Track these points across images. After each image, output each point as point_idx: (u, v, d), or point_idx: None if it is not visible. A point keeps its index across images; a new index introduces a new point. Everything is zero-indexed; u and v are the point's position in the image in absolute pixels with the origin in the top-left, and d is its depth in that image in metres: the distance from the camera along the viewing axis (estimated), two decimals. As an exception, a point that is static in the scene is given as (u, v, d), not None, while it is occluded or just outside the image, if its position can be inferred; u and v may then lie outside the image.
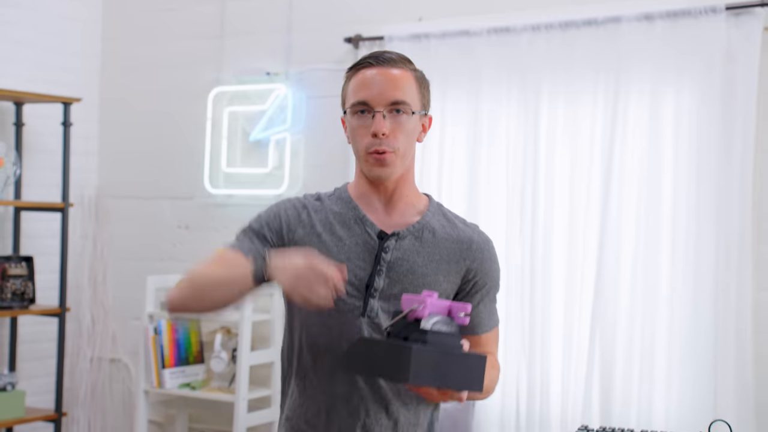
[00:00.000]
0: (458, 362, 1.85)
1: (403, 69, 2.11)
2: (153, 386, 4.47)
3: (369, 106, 2.06)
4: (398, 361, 1.78)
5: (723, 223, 3.55)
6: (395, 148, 2.06)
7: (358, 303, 2.07)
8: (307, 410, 2.11)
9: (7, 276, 4.49)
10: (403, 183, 2.13)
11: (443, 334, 1.85)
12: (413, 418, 2.13)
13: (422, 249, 2.11)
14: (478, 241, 2.17)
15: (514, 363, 3.90)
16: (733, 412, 3.46)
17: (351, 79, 2.12)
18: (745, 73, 3.53)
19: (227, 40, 4.77)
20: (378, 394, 2.08)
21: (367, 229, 2.10)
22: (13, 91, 4.41)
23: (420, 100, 2.12)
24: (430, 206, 2.18)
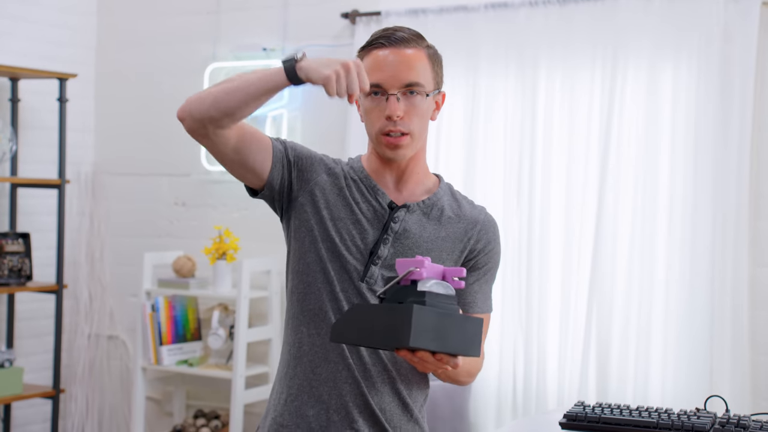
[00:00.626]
0: (457, 324, 1.83)
1: (417, 48, 2.10)
2: (150, 363, 4.50)
3: (383, 88, 2.07)
4: (398, 323, 1.76)
5: (720, 199, 3.56)
6: (410, 130, 2.08)
7: (360, 266, 2.09)
8: (313, 358, 2.11)
9: (3, 253, 4.50)
10: (415, 162, 2.15)
11: (441, 296, 1.84)
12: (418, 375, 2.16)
13: (429, 225, 2.13)
14: (484, 221, 2.19)
15: (511, 340, 3.92)
16: (729, 388, 3.48)
17: (363, 60, 2.11)
18: (743, 50, 3.53)
19: (224, 16, 4.76)
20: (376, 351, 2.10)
21: (379, 198, 2.13)
22: (9, 67, 4.41)
23: (434, 79, 2.13)
24: (440, 186, 2.20)
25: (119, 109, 5.07)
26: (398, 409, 2.13)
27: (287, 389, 2.15)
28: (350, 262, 2.09)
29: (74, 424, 4.94)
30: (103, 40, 5.11)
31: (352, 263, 2.09)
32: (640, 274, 3.70)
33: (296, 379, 2.13)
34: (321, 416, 2.10)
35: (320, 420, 2.10)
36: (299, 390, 2.13)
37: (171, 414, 4.81)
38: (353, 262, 2.09)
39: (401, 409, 2.14)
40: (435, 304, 1.81)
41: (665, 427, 2.24)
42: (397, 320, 1.77)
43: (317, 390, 2.11)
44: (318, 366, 2.11)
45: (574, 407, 2.35)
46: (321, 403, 2.10)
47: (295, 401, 2.13)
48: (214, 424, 4.46)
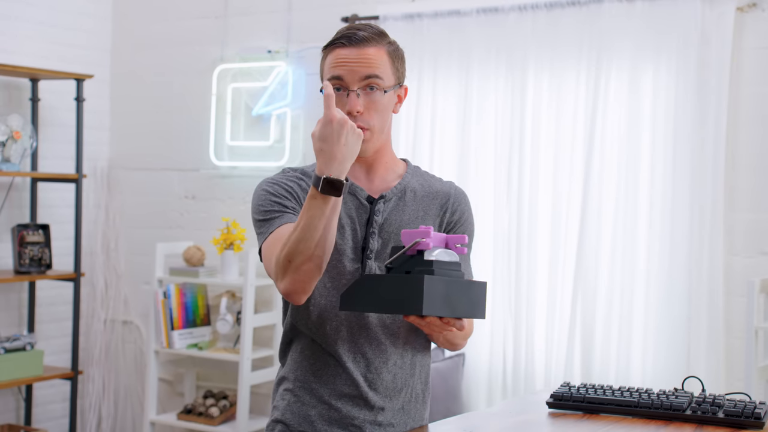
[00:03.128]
0: (464, 290, 1.82)
1: (376, 46, 2.07)
2: (163, 346, 4.50)
3: (343, 84, 2.05)
4: (410, 293, 1.74)
5: (697, 193, 3.57)
6: (370, 126, 2.05)
7: (357, 265, 2.08)
8: (314, 362, 2.11)
9: (25, 243, 4.51)
10: (381, 153, 2.14)
11: (447, 263, 1.82)
12: (410, 369, 2.16)
13: (406, 207, 2.13)
14: (455, 194, 2.20)
15: (501, 324, 3.93)
16: (705, 369, 3.49)
17: (326, 57, 2.10)
18: (718, 52, 3.53)
19: (231, 20, 4.76)
20: (378, 349, 2.10)
21: (357, 195, 2.11)
22: (29, 68, 4.41)
23: (394, 74, 2.10)
24: (408, 169, 2.20)
25: (133, 108, 5.07)
26: (398, 397, 2.14)
27: (290, 392, 2.15)
28: (347, 266, 2.08)
29: (91, 403, 4.95)
30: (118, 43, 5.10)
31: (349, 266, 2.08)
32: (622, 263, 3.70)
33: (298, 381, 2.14)
34: (323, 415, 2.10)
35: (322, 419, 2.10)
36: (301, 392, 2.13)
37: (182, 394, 4.82)
38: (349, 265, 2.08)
39: (402, 396, 2.15)
40: (442, 273, 1.80)
41: (645, 406, 2.24)
42: (409, 290, 1.75)
43: (318, 391, 2.11)
44: (319, 370, 2.11)
45: (560, 388, 2.36)
46: (322, 403, 2.11)
47: (297, 403, 2.13)
48: (222, 404, 4.47)
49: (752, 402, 2.21)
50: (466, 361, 3.99)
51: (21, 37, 4.67)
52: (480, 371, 3.98)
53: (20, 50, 4.64)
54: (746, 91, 3.58)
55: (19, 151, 4.42)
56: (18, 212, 4.69)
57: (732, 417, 2.17)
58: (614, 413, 2.26)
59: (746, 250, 3.58)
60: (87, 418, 4.95)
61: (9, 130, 4.37)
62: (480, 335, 3.98)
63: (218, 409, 4.43)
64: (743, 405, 2.19)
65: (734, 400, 2.22)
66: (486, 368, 3.97)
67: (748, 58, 3.57)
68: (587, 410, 2.28)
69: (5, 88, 4.64)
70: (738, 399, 2.24)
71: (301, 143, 4.50)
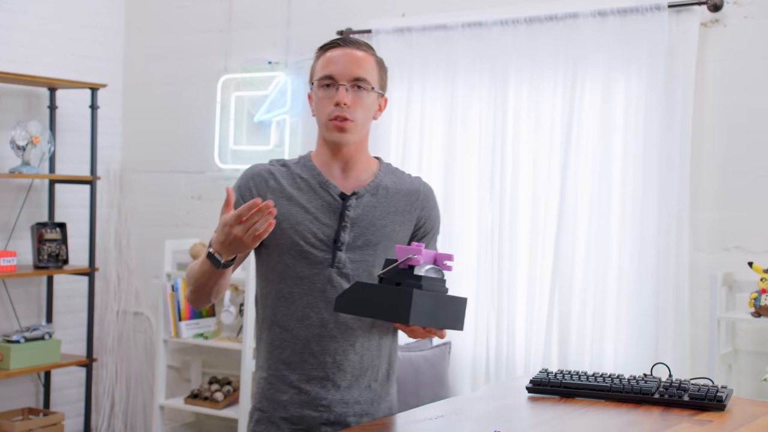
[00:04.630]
0: (448, 304, 1.85)
1: (366, 52, 2.12)
2: (171, 336, 4.50)
3: (334, 79, 2.07)
4: (400, 303, 1.78)
5: (665, 193, 3.57)
6: (355, 118, 2.08)
7: (327, 256, 2.09)
8: (283, 351, 2.12)
9: (43, 240, 4.50)
10: (358, 152, 2.15)
11: (434, 279, 1.85)
12: (376, 351, 2.16)
13: (379, 204, 2.14)
14: (424, 191, 2.22)
15: (484, 316, 3.93)
16: (672, 356, 3.50)
17: (320, 58, 2.13)
18: (684, 64, 3.54)
19: (234, 33, 4.76)
20: (345, 333, 2.11)
21: (330, 192, 2.12)
22: (48, 78, 4.41)
23: (379, 81, 2.14)
24: (381, 167, 2.20)
25: (143, 115, 5.06)
26: (363, 383, 2.15)
27: (264, 380, 2.16)
28: (317, 255, 2.09)
29: (105, 388, 4.94)
30: (130, 55, 5.10)
31: (320, 255, 2.09)
32: (596, 259, 3.71)
33: (270, 370, 2.14)
34: (294, 399, 2.11)
35: (293, 403, 2.11)
36: (274, 379, 2.14)
37: (189, 380, 4.81)
38: (320, 254, 2.09)
39: (366, 383, 2.16)
40: (430, 287, 1.83)
41: (617, 391, 2.25)
42: (399, 301, 1.79)
43: (288, 377, 2.11)
44: (289, 356, 2.11)
45: (538, 374, 2.36)
46: (293, 388, 2.11)
47: (271, 390, 2.14)
48: (226, 389, 4.47)
49: (715, 386, 2.22)
50: (453, 350, 4.00)
51: (40, 49, 4.66)
52: (465, 359, 3.98)
53: (39, 61, 4.63)
54: (710, 99, 3.59)
55: (38, 155, 4.42)
56: (37, 212, 4.69)
57: (696, 400, 2.18)
58: (589, 397, 2.27)
59: (710, 247, 3.59)
60: (101, 402, 4.94)
61: (29, 135, 4.36)
62: (465, 326, 3.97)
63: (222, 394, 4.43)
64: (707, 389, 2.20)
65: (698, 384, 2.23)
66: (470, 356, 3.97)
67: (711, 70, 3.58)
68: (564, 394, 2.29)
69: (25, 97, 4.63)
70: (702, 383, 2.25)
71: (298, 147, 4.50)
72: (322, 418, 2.11)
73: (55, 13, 4.74)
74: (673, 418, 2.10)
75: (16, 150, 4.36)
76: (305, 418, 2.11)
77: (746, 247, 3.53)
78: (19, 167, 4.36)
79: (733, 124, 3.56)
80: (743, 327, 3.53)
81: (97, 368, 4.95)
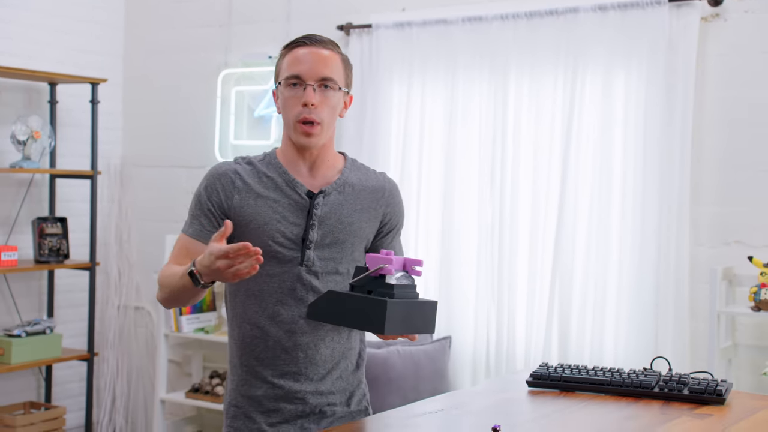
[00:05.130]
0: (419, 309, 1.86)
1: (332, 51, 2.11)
2: (172, 330, 4.51)
3: (301, 79, 2.06)
4: (373, 314, 1.79)
5: (665, 188, 3.57)
6: (321, 119, 2.07)
7: (296, 254, 2.09)
8: (255, 348, 2.13)
9: (44, 234, 4.50)
10: (325, 150, 2.14)
11: (405, 287, 1.85)
12: (346, 343, 2.18)
13: (345, 201, 2.14)
14: (390, 188, 2.22)
15: (484, 310, 3.93)
16: (672, 350, 3.50)
17: (285, 56, 2.11)
18: (685, 57, 3.54)
19: (234, 28, 4.75)
20: (315, 328, 2.11)
21: (297, 191, 2.11)
22: (48, 73, 4.41)
23: (344, 80, 2.13)
24: (346, 163, 2.19)
25: (144, 109, 5.06)
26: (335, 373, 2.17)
27: (237, 376, 2.17)
28: (286, 254, 2.09)
29: (106, 382, 4.95)
30: (130, 49, 5.09)
31: (288, 254, 2.09)
32: (596, 253, 3.71)
33: (243, 367, 2.15)
34: (269, 394, 2.12)
35: (268, 398, 2.12)
36: (247, 375, 2.14)
37: (190, 374, 4.82)
38: (289, 253, 2.09)
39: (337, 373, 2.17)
40: (402, 295, 1.83)
41: (617, 384, 2.25)
42: (372, 311, 1.79)
43: (262, 373, 2.12)
44: (261, 353, 2.12)
45: (539, 368, 2.37)
46: (266, 383, 2.12)
47: (244, 386, 2.15)
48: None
49: (714, 380, 2.23)
50: (453, 344, 4.00)
51: (40, 44, 4.66)
52: (465, 353, 3.99)
53: (40, 56, 4.63)
54: (710, 94, 3.59)
55: (39, 149, 4.42)
56: (38, 206, 4.69)
57: (696, 394, 2.19)
58: (589, 391, 2.27)
59: (710, 241, 3.59)
60: (102, 396, 4.95)
61: (29, 130, 4.36)
62: (465, 320, 3.99)
63: (223, 388, 4.43)
64: (706, 383, 2.20)
65: (698, 378, 2.24)
66: (471, 350, 3.98)
67: (712, 64, 3.58)
68: (564, 388, 2.29)
69: (26, 91, 4.63)
70: (702, 377, 2.25)
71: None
72: (297, 410, 2.13)
73: (55, 8, 4.73)
74: (672, 412, 2.11)
75: (17, 145, 4.36)
76: (281, 411, 2.12)
77: (746, 242, 3.53)
78: (19, 162, 4.36)
79: (734, 119, 3.56)
80: (743, 321, 3.53)
81: (98, 362, 4.96)
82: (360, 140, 4.20)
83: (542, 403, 2.20)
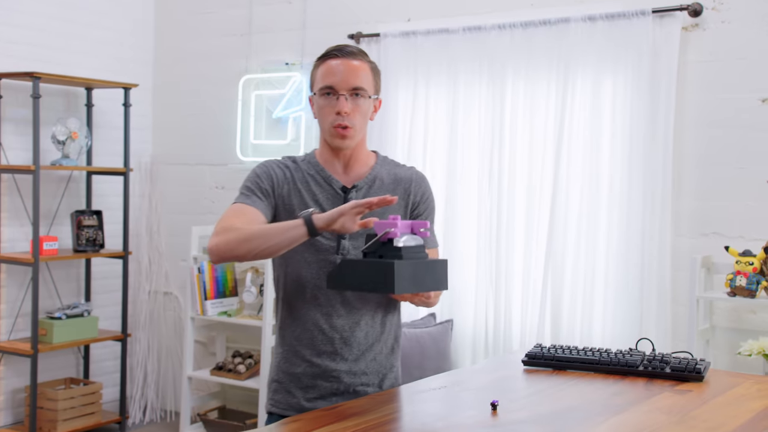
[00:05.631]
0: (428, 268, 1.84)
1: (362, 61, 2.12)
2: (198, 314, 4.52)
3: (334, 90, 2.08)
4: (383, 276, 1.78)
5: (649, 182, 3.56)
6: (353, 125, 2.09)
7: (333, 243, 2.10)
8: (295, 330, 2.15)
9: (82, 226, 4.52)
10: (358, 150, 2.17)
11: (413, 248, 1.85)
12: (380, 327, 2.18)
13: (376, 194, 2.15)
14: (416, 178, 2.22)
15: (483, 295, 3.93)
16: (655, 332, 3.49)
17: (319, 67, 2.13)
18: (667, 63, 3.53)
19: (254, 37, 4.75)
20: (351, 312, 2.12)
21: (333, 186, 2.14)
22: (85, 79, 4.42)
23: (374, 87, 2.14)
24: (377, 160, 2.21)
25: (171, 112, 5.07)
26: (368, 356, 2.16)
27: (280, 355, 2.18)
28: (324, 243, 2.10)
29: (138, 361, 4.97)
30: (159, 57, 5.10)
31: (326, 243, 2.10)
32: (586, 242, 3.70)
33: (285, 346, 2.17)
34: (307, 372, 2.13)
35: (307, 375, 2.13)
36: (288, 354, 2.16)
37: (214, 354, 4.83)
38: (327, 242, 2.10)
39: (372, 356, 2.17)
40: (409, 256, 1.82)
41: (605, 363, 2.25)
42: (382, 273, 1.78)
43: (301, 352, 2.13)
44: (301, 333, 2.13)
45: (533, 348, 2.37)
46: (305, 361, 2.13)
47: (286, 363, 2.16)
48: (248, 362, 4.49)
49: (694, 359, 2.23)
50: (454, 326, 4.01)
51: (78, 52, 4.67)
52: (465, 335, 3.99)
53: (78, 64, 4.64)
54: (690, 97, 3.58)
55: (77, 149, 4.43)
56: (76, 200, 4.70)
57: (677, 372, 2.19)
58: (579, 369, 2.28)
59: (690, 232, 3.59)
60: (135, 373, 4.97)
61: (68, 131, 4.37)
62: (465, 304, 3.99)
63: (245, 366, 4.45)
64: (687, 362, 2.21)
65: (679, 357, 2.24)
66: (471, 332, 3.98)
67: (692, 70, 3.57)
68: (556, 367, 2.30)
69: (65, 96, 4.64)
70: (682, 357, 2.25)
71: (313, 141, 4.50)
72: (332, 388, 2.13)
73: (91, 20, 4.74)
74: (656, 388, 2.11)
75: (57, 144, 4.38)
76: (317, 388, 2.13)
77: (723, 233, 3.52)
78: (59, 160, 4.38)
79: (712, 120, 3.54)
80: (720, 305, 3.53)
81: (131, 343, 4.98)
82: (369, 140, 4.18)
83: (536, 380, 2.20)
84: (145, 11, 5.06)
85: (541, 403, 1.99)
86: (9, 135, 4.35)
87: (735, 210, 3.51)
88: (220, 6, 4.88)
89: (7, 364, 4.41)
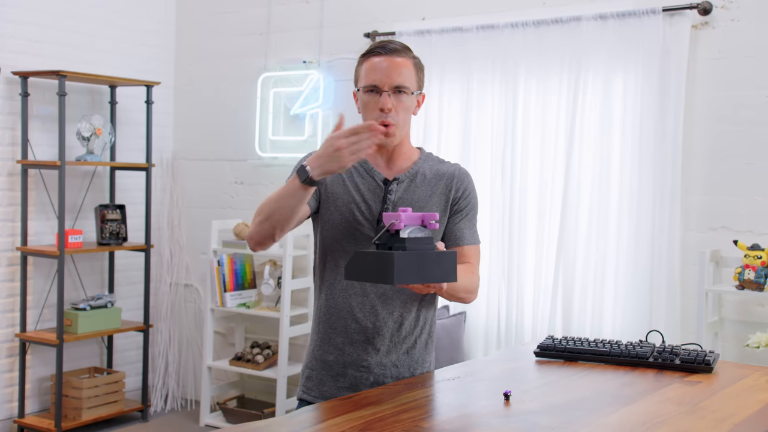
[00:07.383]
0: (433, 259, 1.81)
1: (405, 57, 2.10)
2: (217, 305, 4.54)
3: (378, 87, 2.07)
4: (385, 266, 1.76)
5: (659, 178, 3.55)
6: (396, 122, 2.08)
7: (372, 233, 2.09)
8: (330, 317, 2.14)
9: (105, 220, 4.54)
10: (401, 145, 2.16)
11: (419, 239, 1.82)
12: (414, 321, 2.16)
13: (417, 188, 2.14)
14: (459, 174, 2.20)
15: (496, 287, 3.93)
16: (665, 324, 3.49)
17: (363, 64, 2.11)
18: (677, 61, 3.51)
19: (272, 36, 4.76)
20: (386, 303, 2.11)
21: (375, 178, 2.13)
22: (109, 77, 4.43)
23: (417, 82, 2.12)
24: (421, 155, 2.20)
25: (192, 109, 5.08)
26: (400, 347, 2.15)
27: (314, 342, 2.19)
28: (364, 232, 2.09)
29: (160, 351, 4.99)
30: (180, 56, 5.11)
31: (366, 232, 2.10)
32: (597, 237, 3.69)
33: (319, 333, 2.17)
34: (339, 360, 2.13)
35: (338, 363, 2.13)
36: (322, 341, 2.16)
37: (233, 344, 4.85)
38: (366, 232, 2.10)
39: (403, 347, 2.15)
40: (414, 248, 1.79)
41: (615, 355, 2.25)
42: (384, 264, 1.76)
43: (334, 340, 2.13)
44: (335, 322, 2.13)
45: (545, 340, 2.37)
46: (337, 350, 2.13)
47: (319, 350, 2.16)
48: (266, 352, 4.50)
49: (703, 351, 2.22)
50: (467, 318, 4.00)
51: (102, 51, 4.69)
52: (478, 326, 3.99)
53: (102, 62, 4.66)
54: (700, 94, 3.56)
55: (101, 145, 4.45)
56: (100, 195, 4.73)
57: (686, 363, 2.18)
58: (590, 361, 2.27)
59: (699, 227, 3.57)
60: (156, 363, 4.99)
61: (92, 127, 4.39)
62: (478, 296, 3.98)
63: (263, 357, 4.47)
64: (696, 353, 2.20)
65: (688, 349, 2.23)
66: (483, 324, 3.98)
67: (701, 67, 3.55)
68: (567, 358, 2.29)
69: (89, 93, 4.66)
70: (692, 349, 2.24)
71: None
72: (362, 378, 2.12)
73: (114, 20, 4.76)
74: (665, 380, 2.10)
75: (82, 140, 4.40)
76: (348, 377, 2.13)
77: (732, 227, 3.50)
78: (84, 156, 4.40)
79: (721, 117, 3.52)
80: (728, 298, 3.51)
81: (153, 333, 5.01)
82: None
83: (548, 371, 2.20)
84: (167, 11, 5.07)
85: (552, 394, 1.99)
86: (36, 132, 4.38)
87: (743, 204, 3.48)
88: (240, 5, 4.88)
89: (34, 354, 4.44)
